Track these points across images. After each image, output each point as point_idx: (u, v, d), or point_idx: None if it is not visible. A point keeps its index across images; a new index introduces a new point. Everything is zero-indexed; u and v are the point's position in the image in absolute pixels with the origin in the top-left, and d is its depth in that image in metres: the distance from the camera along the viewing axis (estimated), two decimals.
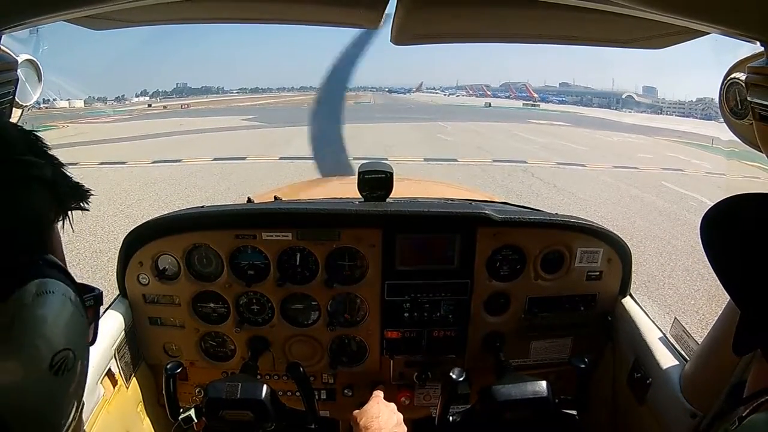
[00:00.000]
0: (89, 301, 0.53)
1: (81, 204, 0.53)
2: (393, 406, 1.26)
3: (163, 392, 1.26)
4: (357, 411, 1.23)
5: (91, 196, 0.54)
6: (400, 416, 1.24)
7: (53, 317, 0.43)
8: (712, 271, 0.57)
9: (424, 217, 1.42)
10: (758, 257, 0.53)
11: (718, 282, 0.56)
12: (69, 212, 0.52)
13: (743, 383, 0.58)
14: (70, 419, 0.48)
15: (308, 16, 1.09)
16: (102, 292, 0.57)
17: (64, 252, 0.56)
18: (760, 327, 0.53)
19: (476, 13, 0.98)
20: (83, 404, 0.52)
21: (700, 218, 0.59)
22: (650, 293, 4.65)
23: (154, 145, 16.10)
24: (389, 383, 1.53)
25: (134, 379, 1.44)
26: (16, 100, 0.88)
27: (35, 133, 0.50)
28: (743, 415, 0.49)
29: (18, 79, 0.87)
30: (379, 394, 1.30)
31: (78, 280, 0.52)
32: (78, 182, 0.52)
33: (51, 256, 0.48)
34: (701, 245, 0.59)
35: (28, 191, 0.45)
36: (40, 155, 0.48)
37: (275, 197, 1.82)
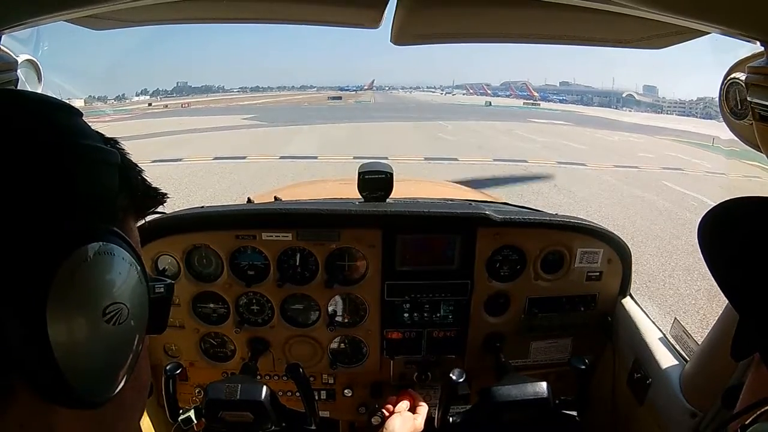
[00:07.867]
0: (160, 288, 0.53)
1: (155, 205, 0.55)
2: (417, 420, 1.27)
3: (163, 393, 1.26)
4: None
5: (167, 199, 0.55)
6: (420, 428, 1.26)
7: (110, 273, 0.45)
8: None
9: (424, 218, 1.42)
10: (757, 262, 0.52)
11: None
12: (144, 212, 0.54)
13: (742, 384, 0.58)
14: (120, 386, 0.47)
15: (308, 16, 1.08)
16: (173, 284, 0.57)
17: None
18: (759, 332, 0.52)
19: (476, 13, 0.97)
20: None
21: (701, 218, 0.58)
22: (650, 293, 4.65)
23: (155, 144, 16.07)
24: (389, 384, 1.54)
25: None
26: None
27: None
28: (746, 423, 0.48)
29: (18, 79, 0.87)
30: (403, 407, 1.30)
31: None
32: (151, 185, 0.54)
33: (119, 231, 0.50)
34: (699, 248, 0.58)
35: (99, 169, 0.47)
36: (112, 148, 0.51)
37: (275, 197, 1.82)
